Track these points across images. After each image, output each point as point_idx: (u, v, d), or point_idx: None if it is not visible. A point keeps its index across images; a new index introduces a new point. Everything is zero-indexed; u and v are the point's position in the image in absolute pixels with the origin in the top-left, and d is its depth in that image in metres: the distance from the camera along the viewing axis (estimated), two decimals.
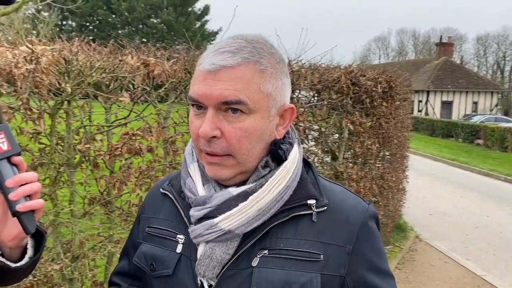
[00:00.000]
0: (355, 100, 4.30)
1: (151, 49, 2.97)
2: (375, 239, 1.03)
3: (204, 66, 0.93)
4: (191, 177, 1.03)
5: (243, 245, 0.96)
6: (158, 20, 31.55)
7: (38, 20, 16.98)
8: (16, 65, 2.10)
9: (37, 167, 2.75)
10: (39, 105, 2.48)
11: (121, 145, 2.64)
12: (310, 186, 1.01)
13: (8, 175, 0.90)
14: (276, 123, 1.00)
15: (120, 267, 1.20)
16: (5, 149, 0.90)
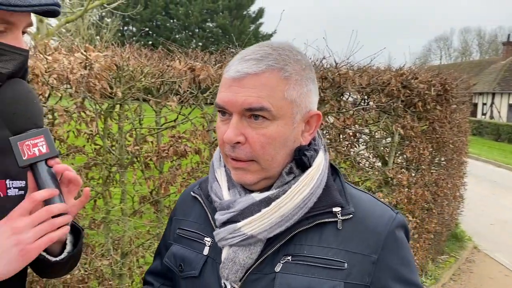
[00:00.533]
0: (407, 104, 4.16)
1: (198, 54, 3.05)
2: (403, 249, 1.00)
3: (230, 74, 0.96)
4: (217, 182, 1.06)
5: (266, 250, 0.97)
6: (214, 24, 32.22)
7: (101, 26, 17.93)
8: (72, 71, 2.24)
9: (92, 167, 2.91)
10: (93, 108, 2.63)
11: (168, 147, 2.74)
12: (335, 194, 1.00)
13: (45, 176, 0.97)
14: (302, 129, 1.00)
15: (153, 267, 1.25)
16: (44, 151, 0.96)
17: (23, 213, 0.92)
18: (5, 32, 0.95)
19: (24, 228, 0.89)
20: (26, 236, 0.89)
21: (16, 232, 0.88)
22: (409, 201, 4.22)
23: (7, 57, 0.96)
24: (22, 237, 0.89)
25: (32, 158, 0.96)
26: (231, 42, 4.42)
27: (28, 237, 0.89)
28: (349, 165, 4.19)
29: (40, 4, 0.94)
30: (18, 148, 0.95)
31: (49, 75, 2.26)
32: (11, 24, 0.95)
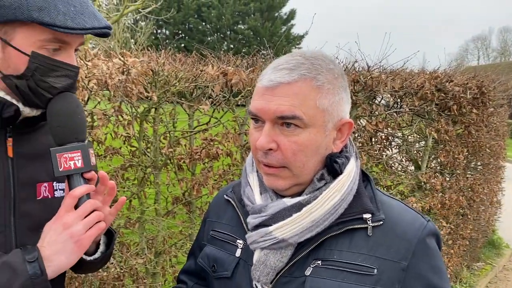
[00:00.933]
0: (441, 107, 4.08)
1: (230, 58, 3.10)
2: (434, 257, 1.00)
3: (263, 83, 0.99)
4: (250, 186, 1.09)
5: (297, 254, 1.00)
6: (245, 26, 32.39)
7: (136, 30, 18.37)
8: (110, 76, 2.33)
9: (127, 168, 3.02)
10: (130, 111, 2.72)
11: (200, 149, 2.81)
12: (366, 200, 1.01)
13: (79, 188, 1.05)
14: (333, 137, 1.02)
15: (187, 266, 1.29)
16: (79, 166, 1.04)
17: (68, 209, 1.00)
18: (59, 50, 1.03)
19: (73, 222, 0.97)
20: (77, 228, 0.97)
21: (67, 227, 0.96)
22: (442, 206, 4.14)
23: (60, 73, 1.03)
24: (74, 229, 0.97)
25: (66, 170, 1.03)
26: (263, 44, 4.46)
27: (79, 229, 0.98)
28: (381, 168, 4.15)
29: (93, 28, 1.01)
30: (56, 159, 1.03)
31: (89, 80, 2.36)
32: (66, 43, 1.03)
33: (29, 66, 0.99)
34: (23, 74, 1.00)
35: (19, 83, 1.01)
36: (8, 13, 0.95)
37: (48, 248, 0.95)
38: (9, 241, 1.05)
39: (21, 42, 0.98)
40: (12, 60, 1.00)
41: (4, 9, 0.94)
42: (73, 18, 0.98)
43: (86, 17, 1.01)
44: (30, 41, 0.98)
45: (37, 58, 0.99)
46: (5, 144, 1.06)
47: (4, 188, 1.05)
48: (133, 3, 9.18)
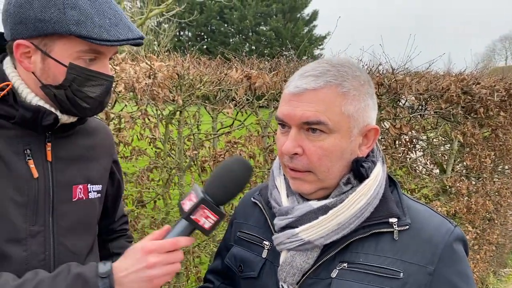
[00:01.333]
0: (467, 110, 4.01)
1: (254, 61, 3.13)
2: (461, 262, 1.00)
3: (289, 89, 1.02)
4: (277, 189, 1.11)
5: (323, 256, 1.02)
6: (267, 28, 32.43)
7: (159, 32, 18.63)
8: (137, 80, 2.39)
9: (153, 169, 3.07)
10: (155, 113, 2.78)
11: (223, 152, 2.84)
12: (392, 205, 1.02)
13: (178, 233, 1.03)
14: (359, 142, 1.04)
15: (214, 266, 1.32)
16: (205, 226, 1.01)
17: (161, 250, 0.99)
18: (94, 60, 1.08)
19: (156, 265, 0.98)
20: (156, 273, 0.98)
21: (150, 266, 0.97)
22: (468, 210, 4.06)
23: (95, 82, 1.09)
24: (155, 272, 0.98)
25: (194, 220, 1.01)
26: (285, 45, 4.47)
27: (158, 274, 0.99)
28: (405, 172, 4.10)
29: (127, 39, 1.06)
30: (197, 206, 1.00)
31: (116, 84, 2.43)
32: (101, 53, 1.08)
33: (67, 77, 1.05)
34: (61, 84, 1.06)
35: (58, 92, 1.06)
36: (48, 27, 1.00)
37: (124, 273, 0.97)
38: (48, 241, 1.11)
39: (60, 54, 1.04)
40: (51, 71, 1.05)
41: (44, 23, 1.00)
42: (108, 31, 1.03)
43: (120, 29, 1.05)
44: (68, 52, 1.04)
45: (74, 69, 1.04)
46: (45, 148, 1.12)
47: (44, 190, 1.10)
48: (157, 6, 9.33)
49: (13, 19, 1.03)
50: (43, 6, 1.00)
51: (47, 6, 1.00)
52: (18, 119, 1.06)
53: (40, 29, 1.01)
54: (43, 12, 1.00)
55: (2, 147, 1.05)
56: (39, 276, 0.95)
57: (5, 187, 1.04)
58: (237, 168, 1.04)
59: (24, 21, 1.01)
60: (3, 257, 1.04)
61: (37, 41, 1.03)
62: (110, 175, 1.34)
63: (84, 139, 1.23)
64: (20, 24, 1.02)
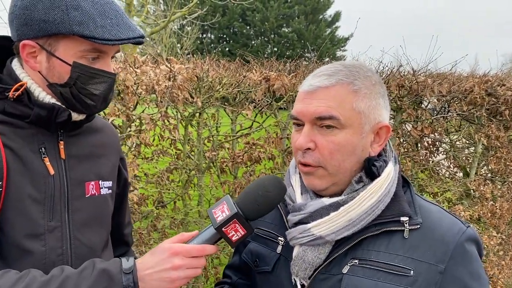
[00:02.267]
0: (492, 112, 3.92)
1: (273, 63, 3.14)
2: (473, 262, 0.99)
3: (303, 88, 1.05)
4: (292, 187, 1.13)
5: (335, 252, 1.03)
6: (289, 29, 32.39)
7: (182, 35, 18.85)
8: (157, 82, 2.43)
9: (172, 170, 3.12)
10: (175, 115, 2.82)
11: (242, 153, 2.86)
12: (404, 204, 1.03)
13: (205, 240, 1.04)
14: (371, 140, 1.05)
15: (233, 262, 1.35)
16: (232, 239, 1.02)
17: (187, 254, 1.01)
18: (97, 59, 1.12)
19: (180, 267, 1.00)
20: (178, 275, 1.01)
21: (174, 268, 1.00)
22: (493, 215, 3.97)
23: (99, 80, 1.13)
24: (178, 274, 1.00)
25: (224, 233, 1.01)
26: (306, 47, 4.47)
27: (179, 276, 1.01)
28: (427, 175, 4.04)
29: (128, 38, 1.10)
30: (229, 220, 1.00)
31: (137, 87, 2.48)
32: (103, 52, 1.12)
33: (71, 75, 1.09)
34: (66, 82, 1.10)
35: (63, 90, 1.11)
36: (52, 28, 1.05)
37: (149, 271, 1.00)
38: (65, 235, 1.14)
39: (64, 53, 1.08)
40: (57, 70, 1.10)
41: (49, 24, 1.04)
42: (109, 30, 1.07)
43: (121, 29, 1.09)
44: (71, 52, 1.08)
45: (78, 67, 1.09)
46: (58, 146, 1.16)
47: (59, 187, 1.15)
48: (179, 9, 9.48)
49: (18, 21, 1.07)
50: (47, 7, 1.04)
51: (51, 8, 1.04)
52: (33, 117, 1.10)
53: (44, 30, 1.05)
54: (47, 14, 1.04)
55: (19, 146, 1.09)
56: (66, 272, 0.98)
57: (23, 184, 1.08)
58: (273, 189, 1.05)
59: (29, 22, 1.06)
60: (24, 252, 1.08)
61: (42, 41, 1.08)
62: (117, 172, 1.37)
63: (93, 137, 1.27)
64: (25, 25, 1.06)
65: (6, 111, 1.09)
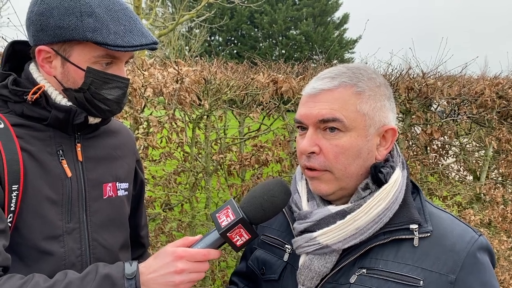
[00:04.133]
0: (503, 115, 3.88)
1: (281, 65, 3.13)
2: (485, 272, 0.96)
3: (306, 91, 1.03)
4: (298, 193, 1.11)
5: (342, 261, 1.00)
6: (297, 32, 32.37)
7: (190, 37, 18.92)
8: (165, 85, 2.43)
9: (180, 173, 3.12)
10: (183, 118, 2.82)
11: (250, 156, 2.85)
12: (413, 211, 1.00)
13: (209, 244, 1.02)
14: (377, 143, 1.03)
15: (239, 269, 1.33)
16: (237, 244, 1.01)
17: (190, 259, 1.00)
18: (111, 64, 1.13)
19: (183, 271, 0.99)
20: (182, 279, 1.00)
21: (177, 272, 0.99)
22: (504, 219, 3.91)
23: (112, 85, 1.14)
24: (180, 278, 0.99)
25: (229, 238, 1.01)
26: (314, 49, 4.47)
27: (183, 280, 1.00)
28: (436, 178, 4.00)
29: (141, 45, 1.11)
30: (233, 225, 0.99)
31: (145, 89, 2.48)
32: (117, 58, 1.13)
33: (85, 80, 1.10)
34: (80, 87, 1.11)
35: (77, 95, 1.12)
36: (66, 34, 1.06)
37: (152, 275, 0.99)
38: (83, 237, 1.16)
39: (78, 59, 1.09)
40: (71, 75, 1.11)
41: (63, 30, 1.06)
42: (122, 37, 1.08)
43: (134, 35, 1.10)
44: (85, 57, 1.09)
45: (91, 72, 1.10)
46: (75, 149, 1.17)
47: (77, 189, 1.16)
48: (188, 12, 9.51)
49: (35, 27, 1.09)
50: (62, 14, 1.05)
51: (66, 14, 1.05)
52: (51, 120, 1.11)
53: (59, 36, 1.07)
54: (62, 20, 1.05)
55: (37, 148, 1.11)
56: (69, 277, 0.98)
57: (41, 187, 1.10)
58: (278, 194, 1.03)
59: (45, 28, 1.07)
60: (43, 254, 1.09)
61: (57, 47, 1.09)
62: (134, 174, 1.38)
63: (110, 139, 1.28)
64: (41, 31, 1.08)
65: (24, 114, 1.11)
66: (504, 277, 3.94)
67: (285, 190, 1.04)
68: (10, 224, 1.05)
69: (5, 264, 0.99)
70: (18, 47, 1.18)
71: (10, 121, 1.09)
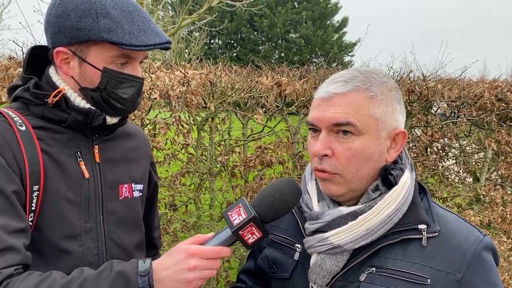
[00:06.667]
0: (502, 117, 3.93)
1: (284, 69, 3.18)
2: (490, 271, 1.00)
3: (319, 94, 1.06)
4: (308, 194, 1.14)
5: (352, 260, 1.04)
6: (297, 35, 32.43)
7: (190, 40, 18.95)
8: (172, 88, 2.48)
9: (185, 174, 3.16)
10: (188, 120, 2.87)
11: (254, 157, 2.90)
12: (421, 212, 1.03)
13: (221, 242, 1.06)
14: (387, 146, 1.06)
15: (247, 267, 1.36)
16: (248, 242, 1.03)
17: (202, 256, 1.02)
18: (126, 64, 1.17)
19: (196, 268, 1.01)
20: (195, 275, 1.01)
21: (190, 269, 1.01)
22: (503, 220, 3.96)
23: (127, 84, 1.17)
24: (192, 275, 1.01)
25: (241, 236, 1.02)
26: (314, 52, 4.52)
27: (195, 277, 1.02)
28: (437, 180, 4.04)
29: (155, 44, 1.14)
30: (246, 223, 1.01)
31: (151, 92, 2.53)
32: (132, 58, 1.17)
33: (102, 80, 1.14)
34: (97, 87, 1.15)
35: (94, 95, 1.16)
36: (83, 35, 1.10)
37: (166, 272, 1.01)
38: (101, 236, 1.19)
39: (94, 59, 1.13)
40: (88, 75, 1.15)
41: (80, 31, 1.10)
42: (137, 37, 1.11)
43: (148, 35, 1.14)
44: (101, 57, 1.13)
45: (108, 72, 1.14)
46: (93, 151, 1.21)
47: (94, 190, 1.19)
48: (189, 15, 9.55)
49: (53, 29, 1.13)
50: (79, 16, 1.09)
51: (83, 16, 1.09)
52: (71, 122, 1.15)
53: (76, 37, 1.10)
54: (79, 22, 1.09)
55: (56, 150, 1.14)
56: (84, 274, 1.01)
57: (60, 187, 1.13)
58: (290, 193, 1.05)
59: (62, 30, 1.11)
60: (62, 252, 1.13)
61: (74, 48, 1.13)
62: (148, 176, 1.41)
63: (126, 141, 1.32)
64: (59, 33, 1.12)
65: (45, 116, 1.15)
66: (503, 278, 3.98)
67: (296, 189, 1.07)
68: (31, 224, 1.09)
69: (25, 262, 1.02)
70: (38, 52, 1.21)
71: (31, 123, 1.13)
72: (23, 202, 1.06)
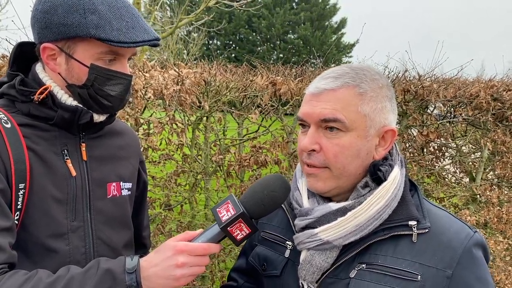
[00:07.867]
0: (498, 117, 3.93)
1: (279, 68, 3.18)
2: (480, 267, 0.99)
3: (309, 90, 1.06)
4: (299, 191, 1.14)
5: (342, 256, 1.04)
6: (295, 36, 32.46)
7: (188, 41, 18.94)
8: (166, 86, 2.47)
9: (180, 174, 3.15)
10: (183, 119, 2.86)
11: (249, 157, 2.89)
12: (412, 208, 1.03)
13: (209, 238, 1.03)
14: (376, 143, 1.05)
15: (238, 265, 1.36)
16: (237, 238, 1.02)
17: (191, 253, 1.01)
18: (114, 61, 1.15)
19: (184, 265, 1.00)
20: (183, 272, 1.01)
21: (178, 266, 1.00)
22: (499, 220, 3.96)
23: (115, 81, 1.16)
24: (183, 272, 1.00)
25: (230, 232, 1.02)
26: (312, 53, 4.52)
27: (184, 274, 1.01)
28: (433, 180, 4.04)
29: (143, 41, 1.13)
30: (234, 220, 1.00)
31: (146, 91, 2.52)
32: (120, 54, 1.15)
33: (89, 77, 1.12)
34: (84, 84, 1.13)
35: (81, 91, 1.14)
36: (70, 31, 1.08)
37: (154, 269, 1.00)
38: (88, 235, 1.18)
39: (82, 55, 1.12)
40: (75, 71, 1.13)
41: (67, 27, 1.08)
42: (125, 33, 1.10)
43: (137, 31, 1.12)
44: (89, 54, 1.11)
45: (95, 69, 1.12)
46: (80, 149, 1.20)
47: (81, 188, 1.18)
48: (186, 16, 9.55)
49: (39, 24, 1.11)
50: (66, 11, 1.08)
51: (70, 12, 1.08)
52: (57, 119, 1.14)
53: (63, 33, 1.09)
54: (66, 17, 1.08)
55: (43, 148, 1.13)
56: (71, 272, 1.00)
57: (46, 185, 1.12)
58: (278, 189, 1.05)
59: (49, 26, 1.10)
60: (49, 251, 1.12)
61: (61, 44, 1.11)
62: (137, 174, 1.40)
63: (114, 139, 1.30)
64: (45, 29, 1.10)
65: (31, 114, 1.13)
66: (500, 277, 3.98)
67: (285, 185, 1.06)
68: (17, 222, 1.07)
69: (11, 261, 1.01)
70: (25, 48, 1.20)
71: (17, 120, 1.11)
72: (8, 200, 1.05)
